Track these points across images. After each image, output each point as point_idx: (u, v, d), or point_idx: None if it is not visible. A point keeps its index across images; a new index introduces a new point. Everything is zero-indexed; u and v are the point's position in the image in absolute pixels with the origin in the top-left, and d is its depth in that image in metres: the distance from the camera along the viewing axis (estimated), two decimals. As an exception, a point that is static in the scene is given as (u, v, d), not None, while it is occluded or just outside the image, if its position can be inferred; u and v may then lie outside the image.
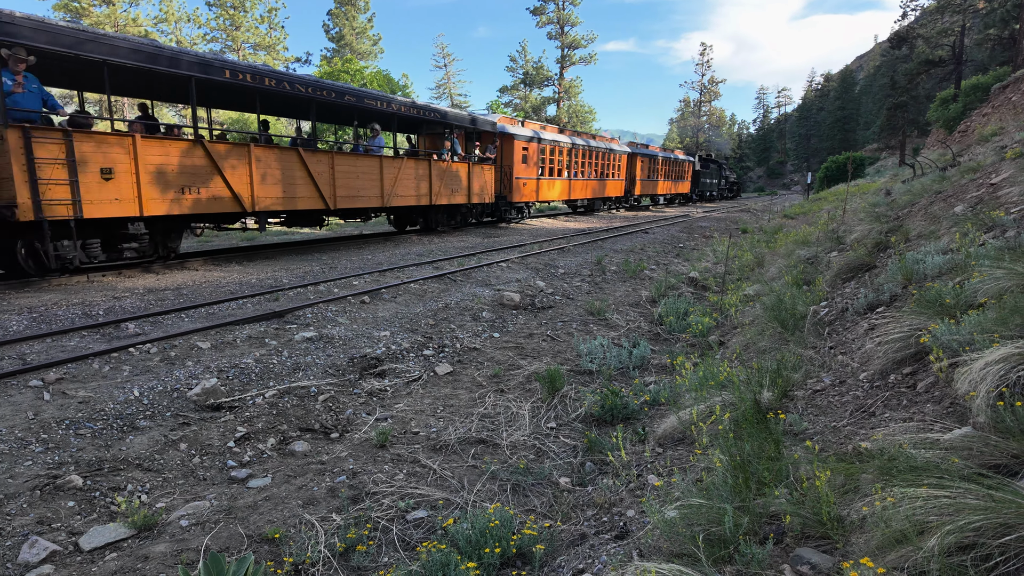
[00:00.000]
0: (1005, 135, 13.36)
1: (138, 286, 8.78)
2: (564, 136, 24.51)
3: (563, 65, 61.36)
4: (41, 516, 3.39)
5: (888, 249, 7.12)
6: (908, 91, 40.84)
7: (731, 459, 2.82)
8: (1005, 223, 5.40)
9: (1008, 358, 2.60)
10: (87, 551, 3.17)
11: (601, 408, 4.98)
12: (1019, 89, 19.40)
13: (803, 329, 5.41)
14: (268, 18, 45.54)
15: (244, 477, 4.01)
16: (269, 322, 7.00)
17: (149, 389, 4.91)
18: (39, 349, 5.71)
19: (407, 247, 14.45)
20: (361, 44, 50.04)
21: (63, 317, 6.81)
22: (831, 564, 2.11)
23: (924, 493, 2.00)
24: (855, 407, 3.43)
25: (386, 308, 8.06)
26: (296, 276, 9.91)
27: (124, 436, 4.29)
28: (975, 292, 3.75)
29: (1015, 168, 7.42)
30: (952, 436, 2.47)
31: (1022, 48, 28.11)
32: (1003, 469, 2.15)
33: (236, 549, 3.16)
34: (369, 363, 6.05)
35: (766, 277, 9.45)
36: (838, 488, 2.41)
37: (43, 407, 4.48)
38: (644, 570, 2.16)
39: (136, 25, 37.27)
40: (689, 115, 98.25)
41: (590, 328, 7.97)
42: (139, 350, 5.78)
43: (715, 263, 13.37)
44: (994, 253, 4.38)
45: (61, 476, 3.71)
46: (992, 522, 1.76)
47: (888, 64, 58.38)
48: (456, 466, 4.25)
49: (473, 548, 3.02)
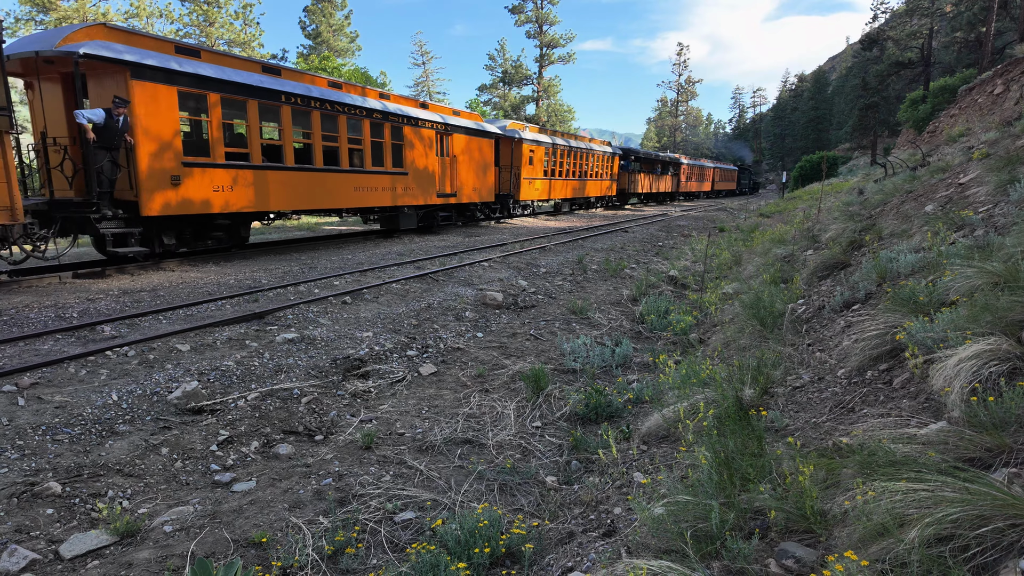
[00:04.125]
0: (972, 136, 13.74)
1: (112, 287, 8.61)
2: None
3: (542, 64, 61.48)
4: (19, 524, 3.32)
5: (862, 247, 7.29)
6: (879, 92, 41.80)
7: (715, 456, 2.87)
8: (974, 222, 5.57)
9: (980, 354, 2.69)
10: (68, 559, 3.11)
11: (586, 407, 5.02)
12: (985, 91, 19.97)
13: (781, 327, 5.51)
14: (243, 14, 44.75)
15: (228, 481, 3.96)
16: (249, 324, 6.92)
17: (128, 393, 4.83)
18: (11, 353, 5.57)
19: (387, 247, 14.37)
20: (338, 41, 49.55)
21: (35, 320, 6.65)
22: (815, 557, 2.17)
23: (903, 487, 2.07)
24: (834, 403, 3.52)
25: (368, 308, 8.02)
26: (275, 277, 9.80)
27: (103, 441, 4.21)
28: (947, 290, 3.86)
29: (982, 168, 7.65)
30: (928, 431, 2.56)
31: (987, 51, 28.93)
32: (978, 462, 2.23)
33: (223, 554, 3.13)
34: (352, 364, 6.01)
35: (744, 275, 9.60)
36: (820, 483, 2.48)
37: (18, 413, 4.38)
38: (635, 567, 2.20)
39: (105, 19, 36.41)
40: (667, 114, 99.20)
41: (573, 327, 8.02)
42: (116, 353, 5.67)
43: (694, 261, 13.54)
44: (964, 252, 4.53)
45: (39, 483, 3.63)
46: (969, 514, 1.83)
47: (859, 65, 59.61)
48: (443, 467, 4.26)
49: (462, 548, 3.03)
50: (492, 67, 63.23)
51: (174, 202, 10.25)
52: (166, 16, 41.08)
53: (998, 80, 19.28)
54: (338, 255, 12.62)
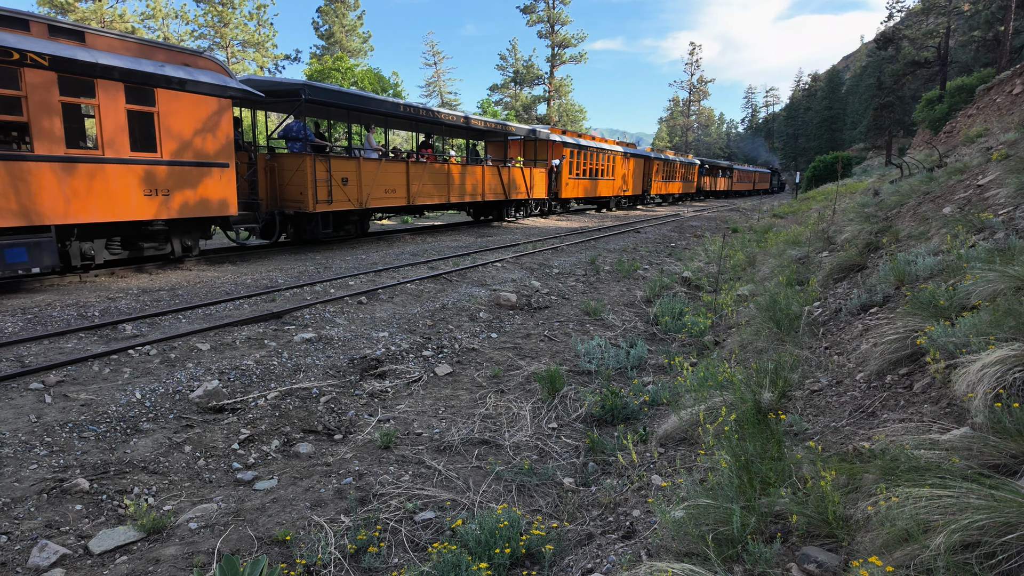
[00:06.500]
0: (990, 136, 13.58)
1: (132, 286, 8.73)
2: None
3: (553, 64, 61.43)
4: (49, 520, 3.39)
5: (879, 250, 7.25)
6: (894, 91, 41.35)
7: (735, 459, 2.89)
8: (994, 225, 5.52)
9: (1004, 360, 2.69)
10: (97, 554, 3.18)
11: (601, 408, 5.04)
12: (1003, 91, 19.72)
13: (798, 329, 5.50)
14: (257, 15, 45.13)
15: (250, 479, 4.03)
16: (267, 323, 7.00)
17: (151, 391, 4.91)
18: (37, 351, 5.68)
19: (400, 247, 14.45)
20: (351, 42, 49.81)
21: (58, 318, 6.77)
22: (837, 562, 2.18)
23: (927, 493, 2.07)
24: (853, 407, 3.52)
25: (384, 309, 8.08)
26: (291, 276, 9.90)
27: (128, 439, 4.29)
28: (968, 294, 3.84)
29: (1001, 170, 7.57)
30: (951, 436, 2.56)
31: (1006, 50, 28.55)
32: (1003, 469, 2.23)
33: (247, 552, 3.18)
34: (369, 364, 6.07)
35: (758, 277, 9.57)
36: (842, 488, 2.49)
37: (45, 410, 4.47)
38: (657, 570, 2.22)
39: (123, 21, 36.86)
40: (679, 114, 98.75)
41: (587, 328, 8.04)
42: (138, 352, 5.76)
43: (707, 263, 13.50)
44: (985, 255, 4.49)
45: (67, 479, 3.71)
46: (995, 521, 1.84)
47: (874, 64, 59.02)
48: (461, 467, 4.30)
49: (483, 548, 3.07)
50: (503, 67, 63.30)
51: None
52: (181, 17, 41.50)
53: (1017, 80, 19.03)
54: (352, 255, 12.71)
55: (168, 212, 9.86)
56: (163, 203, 9.76)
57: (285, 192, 12.96)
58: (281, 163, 12.94)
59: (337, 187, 13.41)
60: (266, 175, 12.80)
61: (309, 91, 12.47)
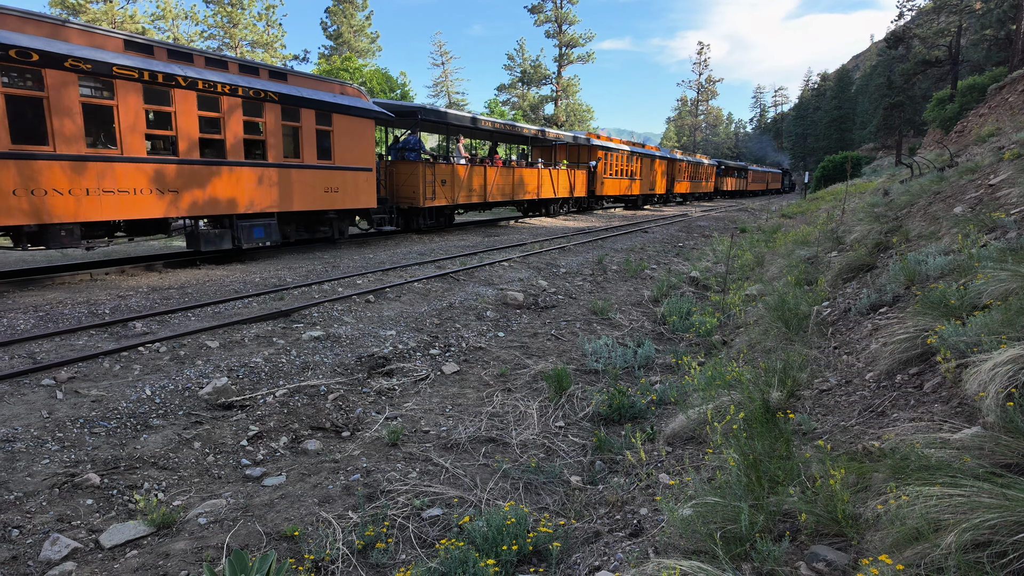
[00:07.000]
0: (1002, 136, 13.46)
1: (142, 284, 8.80)
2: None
3: (561, 64, 61.33)
4: (61, 514, 3.43)
5: (888, 249, 7.20)
6: (904, 91, 41.05)
7: (744, 458, 2.88)
8: (1006, 224, 5.48)
9: (1016, 359, 2.66)
10: (108, 548, 3.21)
11: (609, 407, 5.04)
12: (1015, 90, 19.54)
13: (807, 329, 5.47)
14: (266, 15, 45.38)
15: (259, 475, 4.05)
16: (276, 321, 7.04)
17: (161, 388, 4.95)
18: (48, 348, 5.74)
19: (408, 246, 14.49)
20: (359, 42, 49.94)
21: (69, 316, 6.83)
22: (847, 561, 2.17)
23: (938, 491, 2.06)
24: (863, 407, 3.50)
25: (391, 307, 8.10)
26: (299, 275, 9.94)
27: (138, 435, 4.33)
28: (979, 294, 3.81)
29: (1013, 169, 7.50)
30: (962, 436, 2.54)
31: (1018, 49, 28.28)
32: (1015, 468, 2.22)
33: (256, 546, 3.20)
34: (377, 362, 6.09)
35: (767, 277, 9.53)
36: (851, 487, 2.47)
37: (57, 406, 4.52)
38: (666, 567, 2.22)
39: (133, 22, 37.14)
40: (687, 114, 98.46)
41: (594, 328, 8.03)
42: (148, 349, 5.81)
43: (715, 262, 13.45)
44: (996, 255, 4.45)
45: (79, 474, 3.74)
46: (1007, 520, 1.82)
47: (884, 64, 58.61)
48: (468, 464, 4.30)
49: (490, 546, 3.07)
50: (511, 67, 63.23)
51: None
52: (191, 18, 41.76)
53: (1029, 79, 18.84)
54: (360, 254, 12.76)
55: (338, 204, 13.43)
56: (334, 198, 13.30)
57: (400, 191, 16.45)
58: (398, 168, 16.46)
59: (438, 187, 16.90)
60: (386, 177, 16.39)
61: (423, 112, 16.39)
